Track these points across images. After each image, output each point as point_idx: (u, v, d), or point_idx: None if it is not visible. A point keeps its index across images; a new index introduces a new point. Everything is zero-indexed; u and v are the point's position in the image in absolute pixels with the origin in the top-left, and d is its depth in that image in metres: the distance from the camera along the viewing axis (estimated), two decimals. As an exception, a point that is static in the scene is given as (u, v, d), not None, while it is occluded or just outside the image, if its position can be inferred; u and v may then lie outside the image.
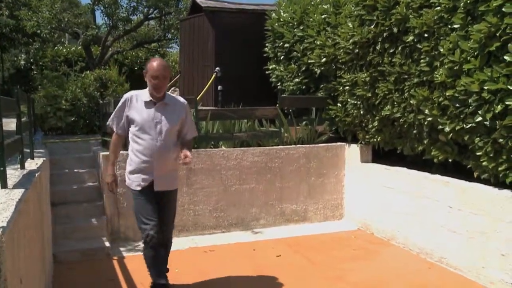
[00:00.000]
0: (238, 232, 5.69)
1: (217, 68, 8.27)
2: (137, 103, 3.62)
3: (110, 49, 13.68)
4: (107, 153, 5.57)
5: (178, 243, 5.10)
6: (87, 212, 5.40)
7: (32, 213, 3.14)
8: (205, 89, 8.34)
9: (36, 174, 3.60)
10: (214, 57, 8.47)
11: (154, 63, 3.55)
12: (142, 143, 3.58)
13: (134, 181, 3.67)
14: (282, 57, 7.21)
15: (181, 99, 3.79)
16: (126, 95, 3.70)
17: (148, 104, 3.61)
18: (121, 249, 5.13)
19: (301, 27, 6.72)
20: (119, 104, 3.69)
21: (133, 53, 14.53)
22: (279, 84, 7.32)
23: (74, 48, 13.67)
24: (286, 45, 7.02)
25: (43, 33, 11.68)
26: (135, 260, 4.75)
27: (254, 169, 5.84)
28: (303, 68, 6.63)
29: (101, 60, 12.89)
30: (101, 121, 7.95)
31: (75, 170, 5.96)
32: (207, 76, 8.63)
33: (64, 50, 13.44)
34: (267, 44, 7.64)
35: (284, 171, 5.98)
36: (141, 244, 5.31)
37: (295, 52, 6.80)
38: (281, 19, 7.18)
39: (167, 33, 14.97)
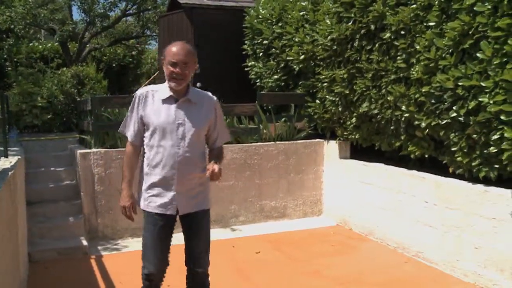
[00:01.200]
0: (217, 229, 5.68)
1: (196, 65, 8.23)
2: (153, 101, 2.85)
3: (88, 45, 13.50)
4: (87, 151, 5.56)
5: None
6: (64, 210, 5.33)
7: (5, 212, 3.08)
8: (184, 86, 8.28)
9: (10, 173, 3.54)
10: (193, 53, 8.42)
11: (174, 47, 2.79)
12: (160, 151, 2.80)
13: (148, 201, 2.87)
14: (261, 54, 7.22)
15: (209, 95, 2.98)
16: (139, 92, 2.92)
17: (167, 102, 2.83)
18: (99, 247, 5.08)
19: (280, 24, 6.73)
20: (131, 105, 2.93)
21: (111, 50, 14.34)
22: (258, 80, 7.33)
23: (50, 44, 13.41)
24: (265, 42, 7.03)
25: (17, 29, 11.45)
26: (113, 259, 4.71)
27: (233, 166, 5.84)
28: (282, 65, 6.64)
29: (78, 57, 12.70)
30: (78, 119, 7.86)
31: (52, 169, 5.88)
32: (186, 73, 8.57)
33: (40, 47, 13.16)
34: (246, 41, 7.63)
35: (263, 168, 5.99)
36: (120, 242, 5.30)
37: (273, 49, 6.81)
38: (260, 16, 7.18)
39: (146, 29, 14.83)
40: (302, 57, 6.06)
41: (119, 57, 14.42)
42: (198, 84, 8.15)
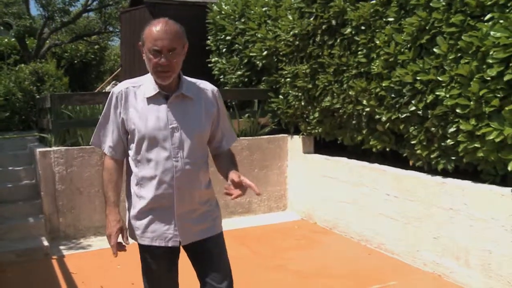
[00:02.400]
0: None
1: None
2: (136, 101, 2.17)
3: (47, 41, 13.17)
4: (47, 149, 5.41)
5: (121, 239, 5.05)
6: (23, 211, 5.19)
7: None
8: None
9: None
10: (155, 50, 8.35)
11: (155, 27, 2.06)
12: (152, 166, 2.14)
13: (141, 232, 2.21)
14: (224, 50, 7.20)
15: (207, 83, 2.34)
16: (117, 89, 2.22)
17: (155, 100, 2.15)
18: (61, 247, 4.98)
19: (243, 20, 6.73)
20: (105, 107, 2.24)
21: (72, 46, 14.03)
22: (221, 76, 7.31)
23: (6, 39, 13.01)
24: (228, 38, 7.01)
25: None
26: (76, 259, 4.63)
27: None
28: (245, 61, 6.65)
29: (37, 53, 12.38)
30: (38, 117, 7.67)
31: (10, 168, 5.71)
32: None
33: (-5, 42, 12.79)
34: (209, 37, 7.60)
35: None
36: (82, 241, 5.21)
37: (237, 45, 6.80)
38: (223, 12, 7.16)
39: (108, 25, 14.57)
40: (265, 53, 6.08)
41: (81, 53, 14.13)
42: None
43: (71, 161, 5.23)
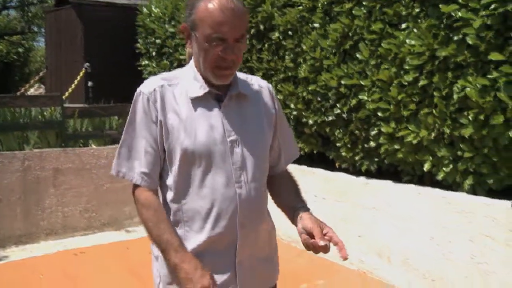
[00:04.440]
0: (111, 232, 5.52)
1: (87, 64, 7.94)
2: (177, 104, 1.55)
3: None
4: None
5: (46, 247, 4.87)
6: None
7: None
8: (73, 85, 7.95)
9: None
10: (83, 52, 8.12)
11: (214, 3, 1.44)
12: (206, 195, 1.54)
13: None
14: (154, 53, 7.12)
15: (260, 80, 1.74)
16: (146, 88, 1.57)
17: (203, 103, 1.56)
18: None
19: (173, 23, 6.68)
20: (130, 117, 1.58)
21: (-8, 46, 13.35)
22: (152, 80, 7.21)
23: None
24: (158, 41, 6.94)
25: None
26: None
27: (126, 167, 5.69)
28: (175, 64, 6.60)
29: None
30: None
31: None
32: (76, 72, 8.22)
33: None
34: (139, 40, 7.49)
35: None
36: (1, 252, 4.94)
37: (167, 48, 6.74)
38: (153, 15, 7.08)
39: (32, 25, 13.97)
40: (195, 56, 6.06)
41: (2, 54, 13.45)
42: (90, 84, 7.87)
43: (-10, 167, 4.97)
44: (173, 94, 1.55)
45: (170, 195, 1.57)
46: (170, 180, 1.56)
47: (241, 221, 1.56)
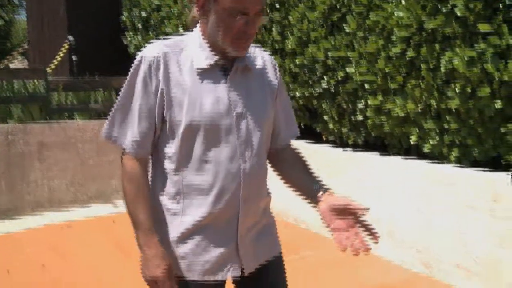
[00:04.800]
0: (98, 206, 5.51)
1: (71, 37, 7.80)
2: (180, 73, 1.47)
3: None
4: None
5: (33, 221, 4.86)
6: None
7: None
8: (57, 59, 7.82)
9: None
10: (67, 25, 7.96)
11: None
12: (208, 170, 1.48)
13: (188, 263, 1.53)
14: (140, 26, 7.01)
15: (263, 52, 1.67)
16: (149, 53, 1.47)
17: (209, 75, 1.48)
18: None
19: (158, -5, 6.58)
20: (127, 83, 1.50)
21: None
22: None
23: None
24: (144, 14, 6.83)
25: None
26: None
27: (113, 141, 5.65)
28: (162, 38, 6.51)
29: None
30: None
31: None
32: (60, 45, 8.08)
33: None
34: (124, 13, 7.36)
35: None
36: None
37: (152, 21, 6.64)
38: (137, -14, 6.96)
39: (13, -3, 13.65)
40: (181, 29, 5.99)
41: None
42: (74, 57, 7.73)
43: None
44: (177, 63, 1.47)
45: (170, 166, 1.51)
46: (170, 151, 1.49)
47: (244, 196, 1.52)
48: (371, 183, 4.00)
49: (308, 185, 1.62)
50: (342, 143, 4.43)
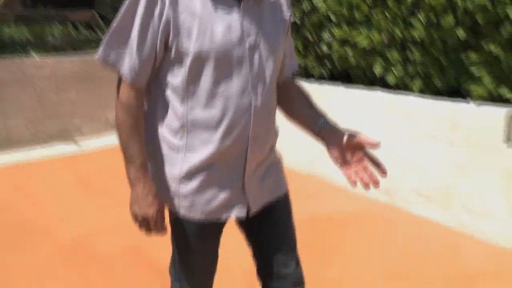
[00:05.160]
0: (59, 145, 5.40)
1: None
2: None
3: None
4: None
5: (-9, 161, 4.74)
6: None
7: None
8: (7, -10, 7.35)
9: None
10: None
11: None
12: (216, 104, 1.35)
13: (190, 202, 1.44)
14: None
15: None
16: None
17: (222, 2, 1.33)
18: None
19: None
20: (128, 3, 1.33)
21: None
22: None
23: None
24: None
25: None
26: None
27: (72, 78, 5.46)
28: None
29: None
30: None
31: None
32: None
33: None
34: None
35: (106, 79, 5.70)
36: None
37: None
38: None
39: None
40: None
41: None
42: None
43: None
44: None
45: (174, 98, 1.38)
46: (175, 82, 1.36)
47: (253, 134, 1.40)
48: (336, 114, 4.02)
49: (315, 120, 1.54)
50: (307, 75, 4.40)
